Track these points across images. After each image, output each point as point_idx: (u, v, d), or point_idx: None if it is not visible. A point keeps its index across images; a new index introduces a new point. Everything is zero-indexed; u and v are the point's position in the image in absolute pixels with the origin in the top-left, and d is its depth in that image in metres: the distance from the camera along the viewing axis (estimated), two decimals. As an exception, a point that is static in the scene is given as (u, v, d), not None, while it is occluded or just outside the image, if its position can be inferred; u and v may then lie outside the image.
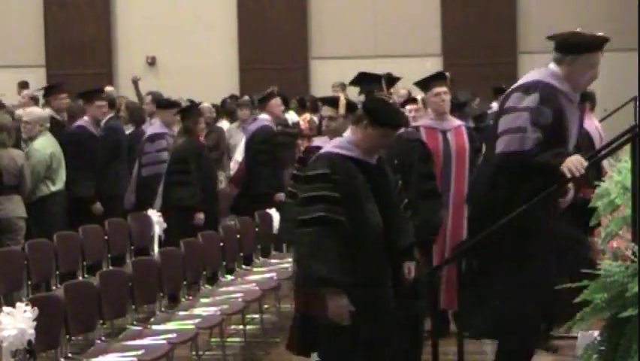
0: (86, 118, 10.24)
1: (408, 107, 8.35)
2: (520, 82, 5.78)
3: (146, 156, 10.12)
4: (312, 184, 5.38)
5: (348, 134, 5.52)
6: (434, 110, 7.87)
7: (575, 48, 5.60)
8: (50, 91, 10.78)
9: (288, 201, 6.73)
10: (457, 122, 7.99)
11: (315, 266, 5.23)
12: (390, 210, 5.48)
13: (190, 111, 9.84)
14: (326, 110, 6.85)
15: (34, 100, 13.90)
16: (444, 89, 7.77)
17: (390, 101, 5.98)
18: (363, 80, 7.29)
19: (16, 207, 8.83)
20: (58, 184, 9.43)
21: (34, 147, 9.36)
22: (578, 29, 5.76)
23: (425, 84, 7.94)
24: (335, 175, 5.33)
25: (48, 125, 9.66)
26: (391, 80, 7.47)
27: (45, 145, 9.40)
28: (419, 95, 8.73)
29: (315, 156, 5.59)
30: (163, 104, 10.87)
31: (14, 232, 8.76)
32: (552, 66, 5.66)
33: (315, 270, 5.22)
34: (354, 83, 7.46)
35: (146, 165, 10.07)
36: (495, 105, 14.26)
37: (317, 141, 7.08)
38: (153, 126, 10.47)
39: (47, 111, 10.15)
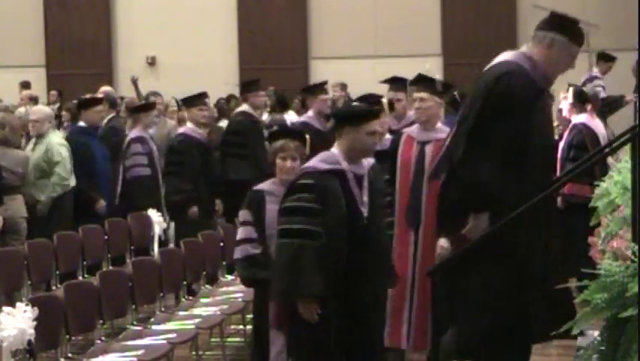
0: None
1: None
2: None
3: None
4: None
5: None
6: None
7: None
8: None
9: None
10: (444, 134, 6.72)
11: None
12: None
13: None
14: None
15: (33, 100, 13.92)
16: (422, 94, 6.88)
17: None
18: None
19: (20, 207, 8.87)
20: (72, 182, 9.38)
21: (55, 140, 9.30)
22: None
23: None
24: None
25: (54, 122, 9.68)
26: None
27: (63, 140, 9.43)
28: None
29: None
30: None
31: (18, 232, 8.79)
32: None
33: None
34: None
35: None
36: None
37: None
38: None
39: (50, 109, 10.15)
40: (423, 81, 6.99)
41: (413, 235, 6.67)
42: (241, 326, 7.93)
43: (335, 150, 5.52)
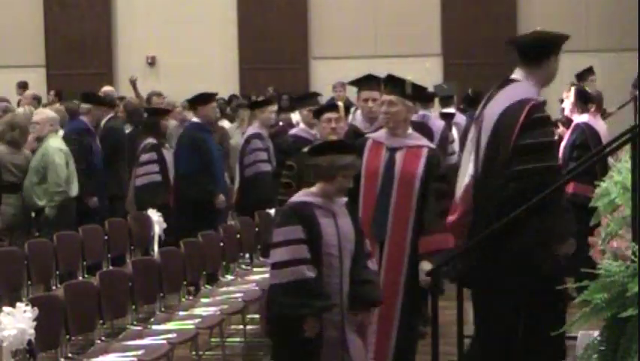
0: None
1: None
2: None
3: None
4: None
5: None
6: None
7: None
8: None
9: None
10: (417, 141, 6.20)
11: None
12: None
13: None
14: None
15: (36, 100, 13.89)
16: (391, 97, 6.15)
17: None
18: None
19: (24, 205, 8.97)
20: (73, 190, 9.35)
21: (53, 145, 9.17)
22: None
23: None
24: None
25: (58, 126, 9.64)
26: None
27: (62, 145, 9.40)
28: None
29: None
30: None
31: (24, 228, 8.88)
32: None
33: None
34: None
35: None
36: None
37: None
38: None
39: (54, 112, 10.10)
40: (392, 83, 6.33)
41: (377, 250, 5.93)
42: (241, 326, 7.92)
43: (531, 81, 5.25)
